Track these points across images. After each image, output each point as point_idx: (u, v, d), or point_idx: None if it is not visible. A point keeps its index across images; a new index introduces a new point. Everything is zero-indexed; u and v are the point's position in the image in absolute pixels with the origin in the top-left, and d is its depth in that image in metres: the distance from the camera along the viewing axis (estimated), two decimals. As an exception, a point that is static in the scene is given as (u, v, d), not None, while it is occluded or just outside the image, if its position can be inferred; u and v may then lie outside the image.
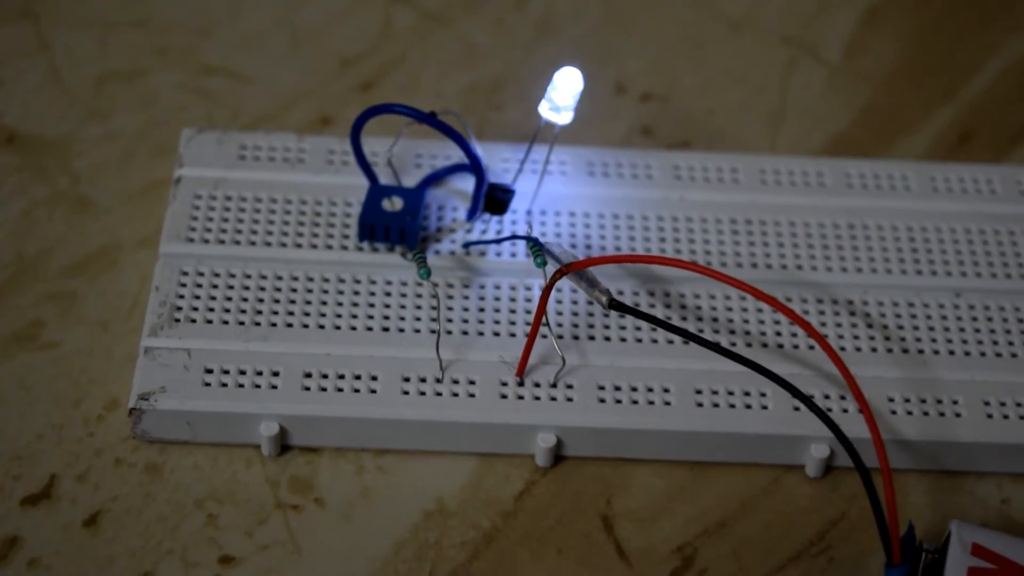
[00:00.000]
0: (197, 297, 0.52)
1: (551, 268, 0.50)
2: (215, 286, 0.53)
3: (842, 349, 0.53)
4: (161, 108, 0.61)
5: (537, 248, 0.50)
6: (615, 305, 0.50)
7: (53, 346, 0.53)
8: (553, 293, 0.52)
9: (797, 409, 0.51)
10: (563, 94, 0.53)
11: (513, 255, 0.54)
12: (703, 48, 0.65)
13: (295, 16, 0.65)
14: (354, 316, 0.52)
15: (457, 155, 0.56)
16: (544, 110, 0.53)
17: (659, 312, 0.53)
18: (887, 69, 0.65)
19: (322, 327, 0.52)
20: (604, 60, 0.64)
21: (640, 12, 0.67)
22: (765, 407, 0.51)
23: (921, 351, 0.53)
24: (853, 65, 0.65)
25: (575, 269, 0.50)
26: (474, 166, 0.54)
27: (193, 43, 0.63)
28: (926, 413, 0.51)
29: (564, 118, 0.53)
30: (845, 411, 0.51)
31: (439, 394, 0.50)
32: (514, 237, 0.54)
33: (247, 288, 0.53)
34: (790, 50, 0.65)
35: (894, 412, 0.51)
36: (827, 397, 0.51)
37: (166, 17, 0.64)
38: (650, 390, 0.51)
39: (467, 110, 0.61)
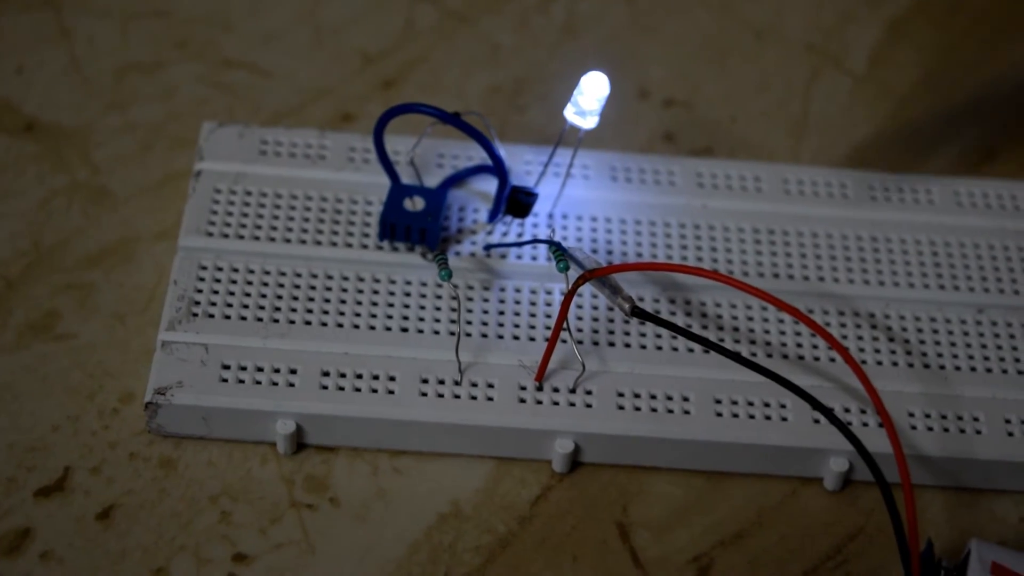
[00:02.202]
0: (215, 292, 0.52)
1: (573, 273, 0.50)
2: (234, 281, 0.52)
3: (863, 362, 0.52)
4: (181, 100, 0.60)
5: (560, 252, 0.50)
6: (638, 312, 0.49)
7: (69, 337, 0.52)
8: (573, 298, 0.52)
9: (817, 421, 0.50)
10: (589, 99, 0.52)
11: (534, 258, 0.54)
12: (727, 55, 0.65)
13: (317, 12, 0.64)
14: (373, 316, 0.52)
15: (479, 156, 0.56)
16: (569, 114, 0.53)
17: (680, 320, 0.53)
18: (911, 81, 0.64)
19: (341, 326, 0.51)
20: (627, 64, 0.64)
21: (664, 17, 0.66)
22: (785, 419, 0.51)
23: (942, 367, 0.52)
24: (877, 76, 0.64)
25: (599, 275, 0.49)
26: (497, 168, 0.53)
27: (214, 36, 0.63)
28: (946, 429, 0.51)
29: (589, 123, 0.53)
30: (865, 425, 0.51)
31: (457, 396, 0.50)
32: (536, 241, 0.54)
33: (266, 284, 0.52)
34: (814, 59, 0.65)
35: (914, 427, 0.51)
36: (847, 410, 0.51)
37: (187, 9, 0.64)
38: (669, 398, 0.51)
39: (489, 110, 0.61)
